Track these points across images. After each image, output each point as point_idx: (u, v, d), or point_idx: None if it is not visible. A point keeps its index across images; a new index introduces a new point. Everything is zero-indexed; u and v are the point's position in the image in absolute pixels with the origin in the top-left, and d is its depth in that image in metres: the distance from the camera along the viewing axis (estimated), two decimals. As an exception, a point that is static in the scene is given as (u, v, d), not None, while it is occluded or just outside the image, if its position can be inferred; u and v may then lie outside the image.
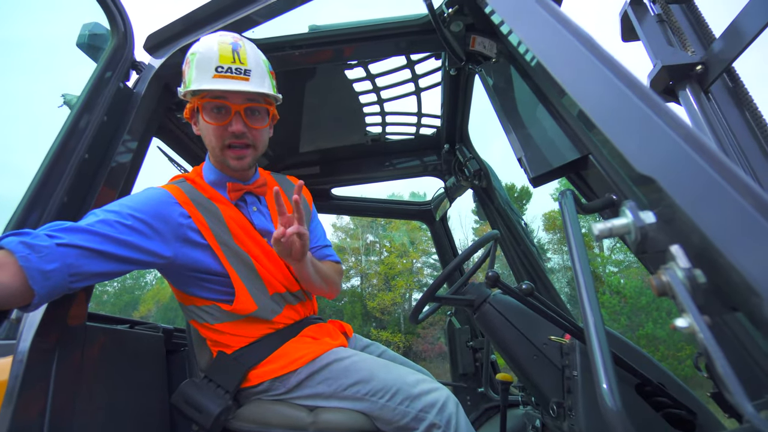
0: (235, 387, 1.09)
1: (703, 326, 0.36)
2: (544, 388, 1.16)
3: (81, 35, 1.33)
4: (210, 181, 1.16)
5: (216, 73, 1.02)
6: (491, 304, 1.29)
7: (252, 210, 1.19)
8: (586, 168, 0.91)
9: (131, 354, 1.23)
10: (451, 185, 2.31)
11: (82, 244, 0.89)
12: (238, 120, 1.05)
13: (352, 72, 1.70)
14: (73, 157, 1.06)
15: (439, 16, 1.32)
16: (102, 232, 0.93)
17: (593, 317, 0.50)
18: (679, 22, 1.25)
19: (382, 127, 2.09)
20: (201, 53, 1.04)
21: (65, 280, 0.86)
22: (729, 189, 0.40)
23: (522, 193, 24.06)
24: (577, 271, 0.54)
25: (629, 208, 0.46)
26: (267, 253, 1.17)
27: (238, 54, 1.05)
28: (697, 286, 0.39)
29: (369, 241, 26.76)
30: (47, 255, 0.83)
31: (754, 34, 0.93)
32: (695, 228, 0.40)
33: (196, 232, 1.07)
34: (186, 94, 1.09)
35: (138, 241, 0.97)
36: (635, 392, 1.00)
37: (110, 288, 27.58)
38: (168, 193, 1.08)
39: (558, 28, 0.70)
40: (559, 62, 0.67)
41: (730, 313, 0.42)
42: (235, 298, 1.11)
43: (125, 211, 0.98)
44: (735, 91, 1.16)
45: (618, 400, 0.46)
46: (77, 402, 0.97)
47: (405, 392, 1.08)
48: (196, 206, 1.09)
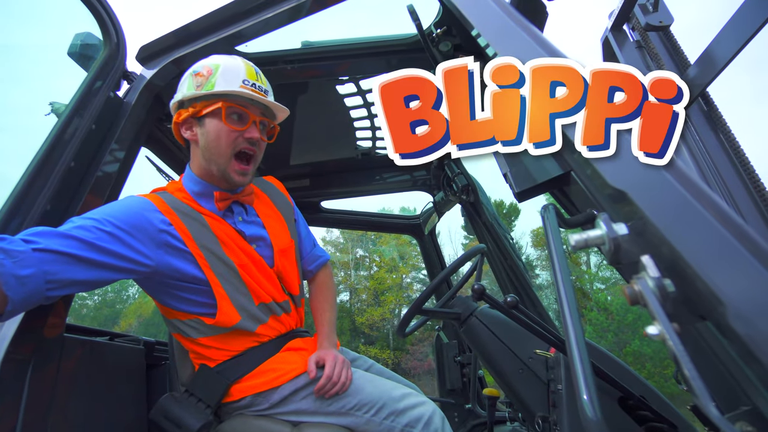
0: (216, 401, 1.06)
1: (672, 332, 0.37)
2: (530, 402, 1.16)
3: (73, 44, 1.34)
4: (194, 193, 1.15)
5: (243, 84, 1.10)
6: (478, 318, 1.30)
7: (237, 220, 1.18)
8: (568, 184, 0.94)
9: (110, 367, 1.19)
10: (439, 200, 2.34)
11: (59, 249, 0.87)
12: (254, 128, 1.13)
13: (343, 87, 1.73)
14: (58, 164, 1.05)
15: (428, 36, 1.37)
16: (80, 237, 0.91)
17: (574, 328, 0.51)
18: (656, 49, 1.32)
19: (373, 141, 2.12)
20: (226, 66, 1.11)
21: (41, 287, 0.84)
22: (696, 204, 0.42)
23: (510, 209, 24.37)
24: (559, 283, 0.56)
25: (603, 220, 0.48)
26: (255, 261, 1.16)
27: (260, 75, 1.16)
28: (667, 295, 0.41)
29: (359, 256, 26.63)
30: (22, 260, 0.81)
31: (726, 60, 0.98)
32: (664, 240, 0.42)
33: (176, 239, 1.06)
34: (194, 98, 1.10)
35: (117, 248, 0.96)
36: (618, 406, 1.01)
37: (90, 302, 26.72)
38: (148, 201, 1.07)
39: (538, 50, 0.74)
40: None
41: (699, 322, 0.43)
42: (218, 310, 1.08)
43: (104, 218, 0.97)
44: (710, 114, 1.22)
45: (598, 411, 0.47)
46: (50, 418, 0.94)
47: (390, 407, 1.07)
48: (177, 214, 1.08)
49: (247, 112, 1.12)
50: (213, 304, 1.09)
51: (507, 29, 0.84)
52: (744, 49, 0.97)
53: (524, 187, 1.01)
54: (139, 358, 1.33)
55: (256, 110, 1.13)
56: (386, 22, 1.57)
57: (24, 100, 32.32)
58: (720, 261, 0.39)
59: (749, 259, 0.39)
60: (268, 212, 1.27)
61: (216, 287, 1.08)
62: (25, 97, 33.28)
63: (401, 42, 1.49)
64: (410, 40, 1.47)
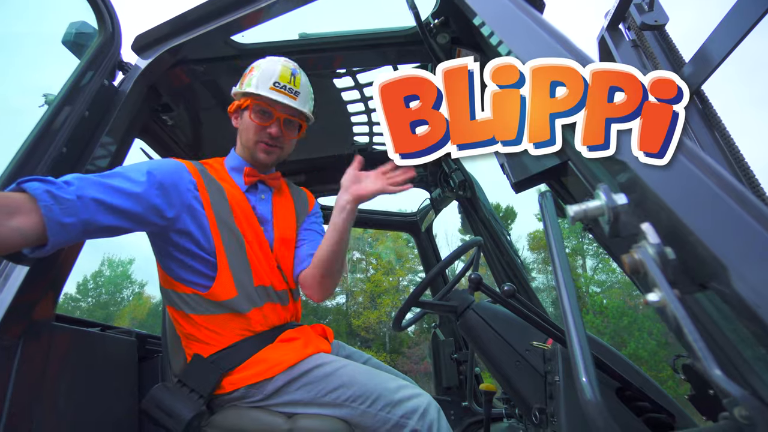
0: (209, 391, 1.05)
1: (673, 297, 0.37)
2: (527, 395, 1.15)
3: (67, 33, 1.33)
4: (230, 167, 1.29)
5: (273, 86, 1.22)
6: (474, 311, 1.29)
7: (260, 198, 1.29)
8: (565, 174, 0.94)
9: (100, 358, 1.17)
10: (436, 196, 2.33)
11: (102, 198, 0.94)
12: (277, 125, 1.24)
13: (340, 81, 1.73)
14: (50, 149, 1.04)
15: (426, 27, 1.36)
16: (118, 186, 0.98)
17: (572, 314, 0.50)
18: (651, 48, 1.33)
19: (369, 137, 2.11)
20: (265, 68, 1.24)
21: (78, 232, 0.90)
22: (695, 170, 0.42)
23: (507, 212, 24.43)
24: (557, 268, 0.56)
25: (603, 191, 0.47)
26: (260, 242, 1.21)
27: (294, 78, 1.26)
28: (667, 262, 0.40)
29: (355, 258, 26.57)
30: (68, 208, 0.87)
31: (721, 58, 0.99)
32: (664, 207, 0.41)
33: (198, 201, 1.14)
34: (237, 93, 1.27)
35: (147, 196, 1.02)
36: (616, 396, 1.00)
37: (84, 303, 26.47)
38: (181, 164, 1.18)
39: (545, 37, 0.73)
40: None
41: (699, 291, 0.43)
42: (216, 280, 1.11)
43: (144, 168, 1.06)
44: (705, 112, 1.23)
45: (597, 393, 0.46)
46: (37, 406, 0.92)
47: (386, 398, 1.06)
48: (203, 179, 1.19)
49: (272, 110, 1.23)
50: (212, 276, 1.12)
51: (509, 14, 0.84)
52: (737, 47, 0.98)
53: (521, 178, 1.01)
54: (131, 350, 1.31)
55: (283, 109, 1.23)
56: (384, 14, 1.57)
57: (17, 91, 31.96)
58: (721, 226, 0.38)
59: (750, 223, 0.38)
60: (283, 203, 1.35)
61: (220, 256, 1.13)
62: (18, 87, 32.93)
63: (399, 34, 1.48)
64: (408, 32, 1.47)
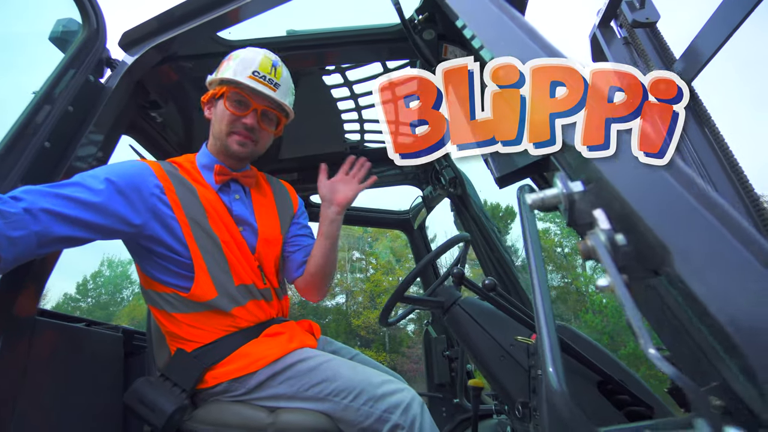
0: (192, 386, 1.05)
1: (620, 282, 0.37)
2: (511, 389, 1.15)
3: (54, 30, 1.33)
4: (201, 164, 1.22)
5: (252, 75, 1.16)
6: (460, 306, 1.29)
7: (234, 198, 1.22)
8: (548, 169, 0.94)
9: (86, 353, 1.17)
10: (428, 194, 2.34)
11: (50, 208, 0.89)
12: (253, 117, 1.18)
13: (330, 78, 1.73)
14: (32, 142, 1.04)
15: (410, 23, 1.36)
16: (72, 195, 0.94)
17: (543, 304, 0.51)
18: (643, 45, 1.34)
19: (361, 135, 2.11)
20: (244, 56, 1.19)
21: (32, 246, 0.87)
22: None
23: (507, 213, 24.43)
24: (530, 260, 0.56)
25: (559, 178, 0.48)
26: (238, 243, 1.17)
27: (275, 70, 1.21)
28: (618, 248, 0.40)
29: (355, 258, 26.57)
30: (14, 222, 0.84)
31: (710, 54, 1.00)
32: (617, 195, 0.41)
33: (166, 205, 1.09)
34: (213, 82, 1.21)
35: (108, 205, 0.99)
36: (597, 390, 1.00)
37: (83, 304, 26.50)
38: (146, 165, 1.12)
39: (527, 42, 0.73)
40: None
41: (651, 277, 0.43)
42: (194, 282, 1.09)
43: (101, 175, 1.01)
44: (694, 108, 1.23)
45: (564, 383, 0.46)
46: (19, 401, 0.92)
47: (369, 393, 1.06)
48: (172, 181, 1.13)
49: (250, 100, 1.17)
50: (190, 277, 1.10)
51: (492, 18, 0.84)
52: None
53: (505, 172, 1.01)
54: (117, 346, 1.31)
55: (260, 100, 1.18)
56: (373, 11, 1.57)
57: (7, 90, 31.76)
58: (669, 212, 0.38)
59: (697, 209, 0.38)
60: (264, 202, 1.30)
61: (197, 259, 1.10)
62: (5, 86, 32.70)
63: (387, 30, 1.48)
64: (397, 28, 1.47)
